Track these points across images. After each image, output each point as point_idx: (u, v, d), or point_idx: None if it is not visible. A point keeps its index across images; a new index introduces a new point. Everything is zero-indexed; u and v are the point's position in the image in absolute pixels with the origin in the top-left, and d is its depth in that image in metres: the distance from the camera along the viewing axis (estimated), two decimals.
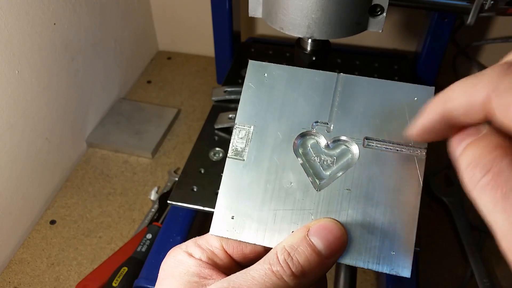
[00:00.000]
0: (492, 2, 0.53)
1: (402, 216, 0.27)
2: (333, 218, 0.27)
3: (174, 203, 0.54)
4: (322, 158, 0.29)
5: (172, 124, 0.82)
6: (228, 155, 0.29)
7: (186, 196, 0.54)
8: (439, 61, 0.74)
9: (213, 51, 0.81)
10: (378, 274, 0.58)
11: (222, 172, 0.29)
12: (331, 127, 0.29)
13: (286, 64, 0.31)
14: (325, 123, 0.29)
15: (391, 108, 0.29)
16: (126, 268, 0.57)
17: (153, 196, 0.69)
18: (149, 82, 0.93)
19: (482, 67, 0.85)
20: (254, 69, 0.31)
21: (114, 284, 0.55)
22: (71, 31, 0.68)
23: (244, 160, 0.29)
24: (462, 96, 0.20)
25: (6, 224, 0.61)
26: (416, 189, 0.27)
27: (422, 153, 0.28)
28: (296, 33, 0.42)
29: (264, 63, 0.31)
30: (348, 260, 0.27)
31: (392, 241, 0.26)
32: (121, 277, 0.56)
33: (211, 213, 0.50)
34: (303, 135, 0.29)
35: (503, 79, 0.18)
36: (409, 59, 0.79)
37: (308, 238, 0.25)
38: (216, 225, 0.28)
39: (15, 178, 0.61)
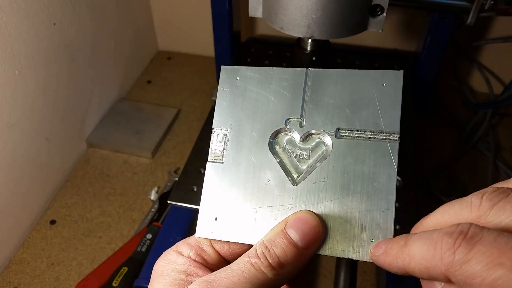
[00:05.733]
0: (492, 2, 0.53)
1: (379, 203, 0.27)
2: (309, 210, 0.28)
3: (174, 203, 0.54)
4: (298, 153, 0.30)
5: (172, 124, 0.82)
6: (208, 160, 0.30)
7: (186, 196, 0.54)
8: (439, 61, 0.74)
9: (213, 51, 0.81)
10: (378, 274, 0.58)
11: None
12: (304, 122, 0.30)
13: (287, 65, 0.32)
14: (297, 119, 0.30)
15: (361, 97, 0.29)
16: (126, 268, 0.57)
17: (153, 196, 0.69)
18: (149, 82, 0.93)
19: (482, 67, 0.85)
20: (227, 73, 0.32)
21: (114, 284, 0.55)
22: (71, 31, 0.68)
23: (223, 162, 0.30)
24: (423, 264, 0.21)
25: (6, 224, 0.61)
26: (391, 175, 0.27)
27: (395, 138, 0.28)
28: (296, 33, 0.42)
29: (235, 67, 0.32)
30: (328, 251, 0.27)
31: (371, 229, 0.27)
32: (121, 277, 0.56)
33: None
34: (278, 133, 0.30)
35: (457, 252, 0.20)
36: (409, 59, 0.79)
37: (284, 231, 0.26)
38: (201, 228, 0.29)
39: (15, 178, 0.61)
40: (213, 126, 0.31)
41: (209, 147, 0.62)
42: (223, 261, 0.29)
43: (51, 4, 0.62)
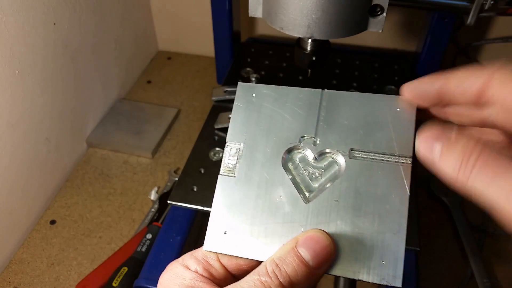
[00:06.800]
0: (492, 2, 0.53)
1: (390, 225, 0.27)
2: (321, 229, 0.27)
3: (174, 203, 0.54)
4: (310, 171, 0.30)
5: (172, 124, 0.82)
6: (220, 172, 0.30)
7: (186, 196, 0.54)
8: (439, 61, 0.74)
9: (213, 51, 0.81)
10: None
11: None
12: (318, 141, 0.30)
13: (286, 66, 0.32)
14: (311, 137, 0.30)
15: (375, 120, 0.29)
16: (126, 268, 0.57)
17: (153, 196, 0.69)
18: (149, 82, 0.93)
19: None
20: (243, 90, 0.32)
21: (114, 284, 0.55)
22: (71, 31, 0.68)
23: (235, 176, 0.30)
24: (464, 78, 0.25)
25: (6, 224, 0.61)
26: (403, 198, 0.27)
27: (408, 162, 0.28)
28: (296, 33, 0.42)
29: (252, 84, 0.32)
30: (338, 271, 0.27)
31: (382, 251, 0.26)
32: (121, 277, 0.56)
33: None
34: (291, 150, 0.30)
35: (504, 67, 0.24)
36: (409, 59, 0.79)
37: (296, 250, 0.26)
38: (209, 241, 0.29)
39: (15, 178, 0.61)
40: (226, 140, 0.31)
41: (209, 148, 0.62)
42: (230, 277, 0.29)
43: (51, 4, 0.62)
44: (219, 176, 0.30)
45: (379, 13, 0.41)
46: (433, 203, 0.68)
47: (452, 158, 0.23)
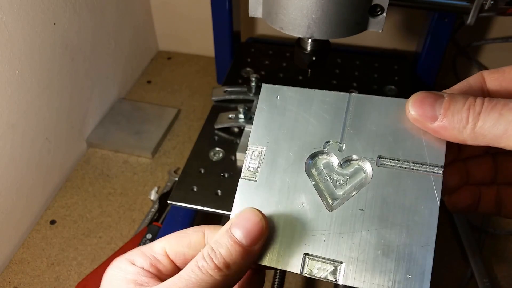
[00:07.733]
0: (492, 2, 0.53)
1: (419, 237, 0.26)
2: (253, 208, 0.27)
3: (174, 203, 0.54)
4: (335, 178, 0.29)
5: (172, 124, 0.82)
6: (241, 176, 0.29)
7: (186, 196, 0.54)
8: (439, 61, 0.74)
9: (213, 51, 0.81)
10: None
11: (222, 172, 0.30)
12: (343, 147, 0.29)
13: (286, 65, 0.31)
14: (337, 143, 0.29)
15: (405, 126, 0.28)
16: None
17: (153, 196, 0.69)
18: (149, 82, 0.93)
19: (482, 67, 0.85)
20: (267, 91, 0.31)
21: None
22: (71, 31, 0.68)
23: (256, 180, 0.29)
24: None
25: (6, 224, 0.61)
26: (433, 210, 0.26)
27: (439, 172, 0.27)
28: (296, 33, 0.42)
29: (276, 86, 0.31)
30: (362, 284, 0.26)
31: (408, 264, 0.25)
32: None
33: (211, 213, 0.50)
34: (315, 155, 0.29)
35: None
36: (409, 59, 0.79)
37: (229, 231, 0.26)
38: None
39: (15, 178, 0.61)
40: (248, 143, 0.30)
41: (209, 148, 0.62)
42: (179, 271, 0.29)
43: (51, 4, 0.62)
44: (240, 179, 0.29)
45: (379, 13, 0.41)
46: None
47: (457, 110, 0.24)
